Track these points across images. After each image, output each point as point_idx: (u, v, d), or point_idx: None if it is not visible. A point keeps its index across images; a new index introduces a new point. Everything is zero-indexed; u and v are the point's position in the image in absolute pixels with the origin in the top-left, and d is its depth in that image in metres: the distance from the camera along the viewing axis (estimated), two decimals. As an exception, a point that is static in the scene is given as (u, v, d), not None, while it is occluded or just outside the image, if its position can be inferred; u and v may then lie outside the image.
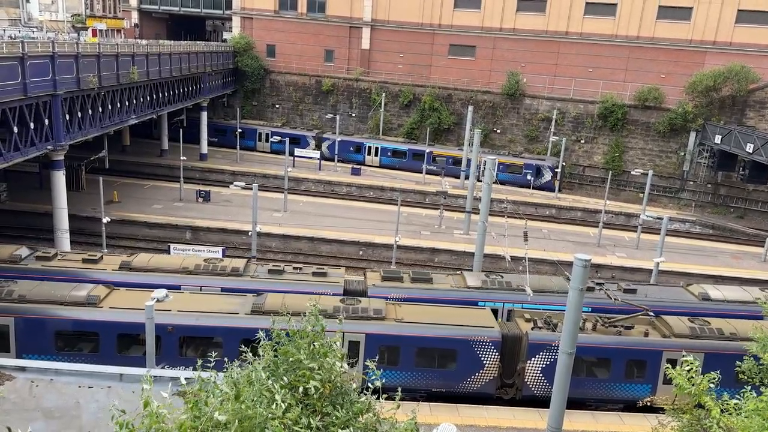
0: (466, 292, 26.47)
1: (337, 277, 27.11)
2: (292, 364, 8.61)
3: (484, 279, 27.44)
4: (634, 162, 58.94)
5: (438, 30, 66.00)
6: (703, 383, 10.13)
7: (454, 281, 27.53)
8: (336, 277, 27.10)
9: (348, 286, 26.48)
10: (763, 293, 27.86)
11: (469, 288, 26.69)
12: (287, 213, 47.05)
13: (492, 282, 27.15)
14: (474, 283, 27.03)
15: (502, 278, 27.58)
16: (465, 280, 27.39)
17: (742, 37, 57.59)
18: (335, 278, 26.85)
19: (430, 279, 27.27)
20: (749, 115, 55.86)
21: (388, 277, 27.08)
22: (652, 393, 23.43)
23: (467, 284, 26.95)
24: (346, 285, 26.43)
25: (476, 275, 28.21)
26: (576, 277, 15.58)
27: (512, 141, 63.00)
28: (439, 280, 27.57)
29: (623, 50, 60.93)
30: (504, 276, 28.04)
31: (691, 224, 53.88)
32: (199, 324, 22.72)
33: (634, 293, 27.02)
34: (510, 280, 27.47)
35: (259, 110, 69.35)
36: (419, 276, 27.47)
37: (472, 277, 27.66)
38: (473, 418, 21.97)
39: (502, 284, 27.06)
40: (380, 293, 25.56)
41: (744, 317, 24.95)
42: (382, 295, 25.26)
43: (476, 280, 27.27)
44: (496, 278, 27.54)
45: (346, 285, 26.43)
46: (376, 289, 26.05)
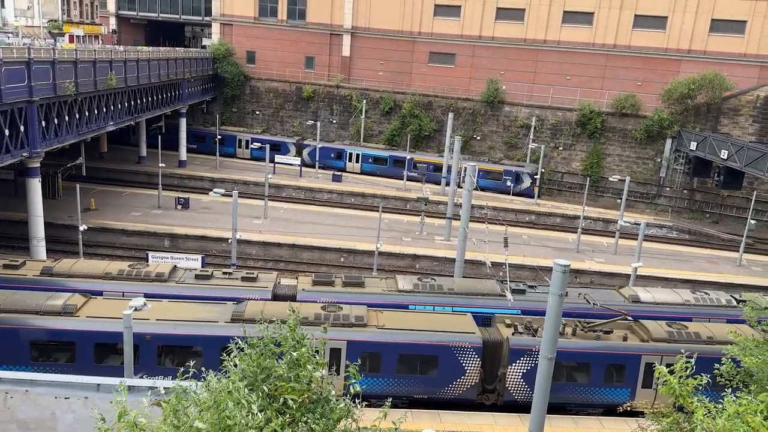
0: (397, 295, 26.39)
1: (266, 281, 26.77)
2: (270, 373, 8.55)
3: (416, 282, 27.40)
4: (611, 168, 59.71)
5: (418, 38, 66.37)
6: (688, 386, 10.26)
7: (387, 285, 27.42)
8: (266, 281, 26.77)
9: (277, 291, 26.26)
10: (693, 295, 28.30)
11: (401, 291, 26.63)
12: (268, 220, 46.79)
13: (424, 285, 27.14)
14: (406, 286, 26.98)
15: (434, 281, 27.64)
16: (397, 283, 27.32)
17: (716, 45, 58.82)
18: (264, 283, 26.55)
19: (361, 283, 27.11)
20: (723, 122, 56.97)
21: (320, 282, 26.86)
22: (632, 397, 23.67)
23: (399, 288, 26.86)
24: (275, 289, 26.21)
25: (408, 279, 28.12)
26: (555, 282, 15.69)
27: (492, 148, 63.45)
28: (372, 284, 27.43)
29: (600, 58, 61.81)
30: (436, 279, 28.09)
31: (667, 229, 54.68)
32: (178, 333, 22.44)
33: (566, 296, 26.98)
34: (442, 283, 27.52)
35: (239, 117, 69.01)
36: (351, 280, 27.34)
37: (404, 281, 27.60)
38: (455, 424, 21.98)
39: (433, 288, 27.08)
40: (310, 297, 25.21)
41: (672, 319, 25.47)
42: (311, 299, 24.91)
43: (408, 283, 27.25)
44: (428, 282, 27.57)
45: (275, 289, 26.21)
46: (306, 294, 25.74)
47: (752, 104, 55.96)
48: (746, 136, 55.20)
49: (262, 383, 8.46)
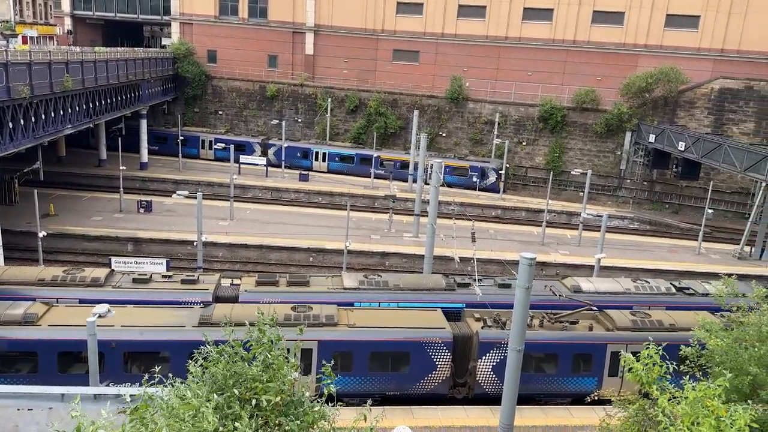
0: (342, 293, 26.13)
1: (207, 283, 26.27)
2: (241, 377, 8.48)
3: (361, 279, 27.18)
4: (573, 162, 60.82)
5: (381, 35, 66.41)
6: (653, 373, 10.53)
7: (332, 283, 27.14)
8: (207, 283, 26.25)
9: (219, 293, 25.78)
10: (634, 284, 28.88)
11: (346, 289, 26.44)
12: (234, 221, 46.25)
13: (369, 282, 27.00)
14: (351, 284, 26.75)
15: (380, 278, 27.52)
16: (343, 281, 27.09)
17: (672, 40, 60.42)
18: (205, 285, 26.02)
19: (306, 282, 26.72)
20: (680, 114, 58.59)
21: (263, 282, 26.32)
22: (599, 385, 24.15)
23: (344, 285, 26.66)
24: (216, 292, 25.70)
25: (354, 276, 27.86)
26: (522, 275, 15.93)
27: (457, 144, 63.97)
28: (317, 283, 27.11)
29: (560, 54, 62.87)
30: (382, 276, 28.01)
31: (629, 221, 55.99)
32: (144, 339, 22.03)
33: (509, 288, 27.30)
34: (387, 280, 27.49)
35: (202, 117, 68.01)
36: (296, 279, 26.91)
37: (349, 278, 27.38)
38: (427, 419, 22.12)
39: (379, 284, 26.95)
40: (253, 299, 24.63)
41: (612, 308, 25.85)
42: (254, 300, 24.25)
43: (353, 281, 27.04)
44: (374, 278, 27.40)
45: (216, 292, 25.70)
46: (248, 295, 25.19)
47: (707, 97, 57.68)
48: (702, 128, 56.89)
49: (233, 386, 8.39)
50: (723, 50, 59.65)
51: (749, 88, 56.44)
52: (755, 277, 40.63)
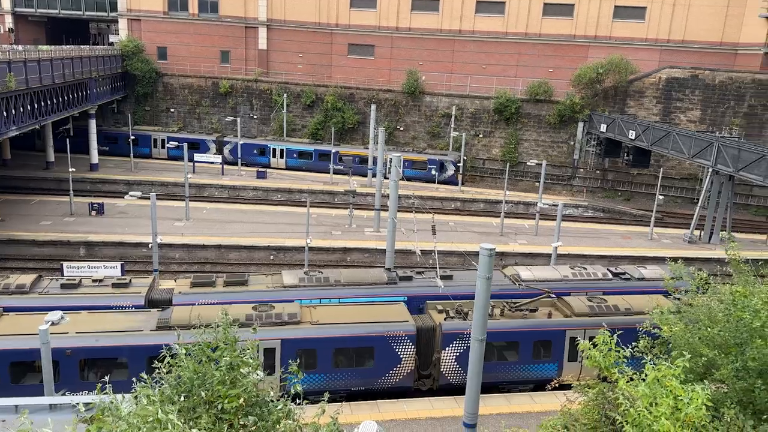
0: (282, 291, 25.84)
1: (140, 286, 25.49)
2: (205, 379, 8.34)
3: (301, 277, 26.92)
4: (528, 153, 61.85)
5: (336, 29, 66.03)
6: (610, 357, 10.79)
7: (272, 281, 26.75)
8: (139, 286, 25.50)
9: (152, 296, 25.18)
10: (572, 271, 29.58)
11: (286, 287, 26.11)
12: (190, 221, 45.36)
13: (310, 279, 26.78)
14: (291, 281, 26.45)
15: (321, 274, 27.35)
16: (282, 279, 26.76)
17: (620, 31, 62.01)
18: (138, 288, 25.29)
19: (245, 281, 26.27)
20: (630, 104, 60.21)
21: (199, 283, 25.80)
22: (559, 371, 24.71)
23: (284, 283, 26.33)
24: (149, 295, 25.06)
25: (294, 274, 27.48)
26: (483, 266, 16.08)
27: (415, 138, 64.22)
28: (256, 281, 26.67)
29: (513, 47, 63.75)
30: (323, 272, 27.86)
31: (583, 209, 57.33)
32: (100, 345, 21.42)
33: (450, 279, 27.67)
34: (328, 276, 27.26)
35: (153, 115, 66.38)
36: (233, 279, 26.43)
37: (289, 276, 27.06)
38: (393, 413, 22.21)
39: (320, 280, 26.78)
40: (188, 301, 24.22)
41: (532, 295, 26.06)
42: (189, 302, 23.96)
43: (293, 278, 26.74)
44: (314, 275, 27.19)
45: (149, 295, 25.06)
46: (183, 297, 24.66)
47: (655, 86, 59.42)
48: (651, 117, 58.62)
49: (199, 389, 8.27)
50: (669, 40, 61.56)
51: (695, 76, 58.41)
52: (703, 260, 42.24)
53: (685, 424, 9.34)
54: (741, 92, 57.28)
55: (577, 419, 11.14)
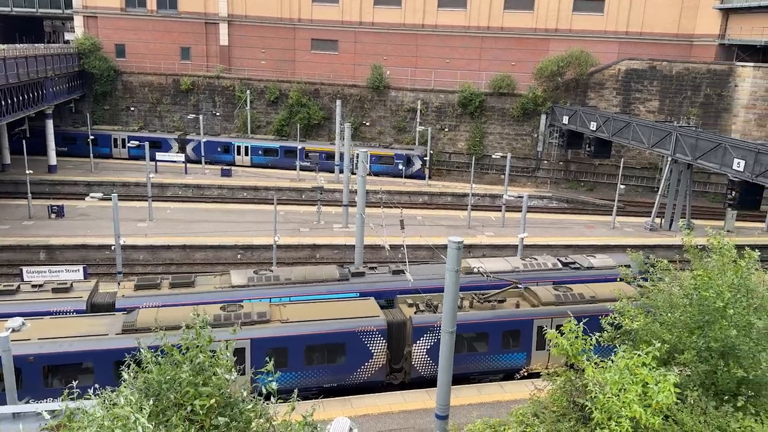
0: (230, 291, 25.43)
1: (82, 291, 24.79)
2: (173, 383, 8.23)
3: (250, 276, 26.52)
4: (493, 146, 62.48)
5: (298, 24, 65.50)
6: (577, 345, 11.02)
7: (220, 282, 26.32)
8: (81, 291, 24.80)
9: (95, 300, 24.65)
10: (522, 262, 29.92)
11: (234, 287, 25.69)
12: (154, 222, 44.54)
13: (259, 278, 26.40)
14: (239, 281, 26.05)
15: (270, 273, 27.03)
16: (231, 279, 26.34)
17: (580, 24, 63.04)
18: (79, 293, 24.63)
19: (191, 283, 25.76)
20: (591, 96, 61.30)
21: (143, 286, 25.25)
22: (528, 360, 25.11)
23: (232, 283, 25.91)
24: (92, 299, 24.51)
25: (242, 273, 27.10)
26: (451, 258, 16.21)
27: (382, 133, 64.23)
28: (203, 282, 26.20)
29: (476, 41, 64.23)
30: (273, 270, 27.60)
31: (548, 200, 58.25)
32: (64, 350, 20.91)
33: (402, 273, 27.71)
34: (279, 274, 27.01)
35: (113, 114, 64.87)
36: (180, 281, 25.88)
37: (237, 276, 26.60)
38: (366, 408, 22.27)
39: (269, 279, 26.45)
40: (132, 304, 23.79)
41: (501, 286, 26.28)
42: (133, 306, 23.53)
43: (242, 278, 26.35)
44: (264, 274, 26.84)
45: (92, 299, 24.51)
46: (126, 301, 24.22)
47: (615, 78, 60.62)
48: (611, 108, 59.81)
49: (168, 391, 8.16)
50: (627, 32, 62.85)
51: (653, 68, 59.77)
52: (665, 247, 43.40)
53: (655, 411, 9.61)
54: (697, 82, 58.88)
55: (546, 407, 11.35)
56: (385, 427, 21.21)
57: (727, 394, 11.88)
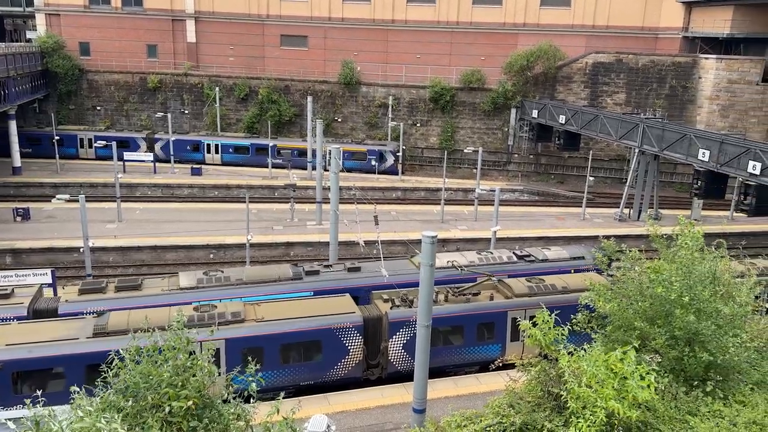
0: (179, 294, 24.82)
1: (23, 297, 23.81)
2: (153, 384, 8.13)
3: (200, 278, 25.94)
4: (465, 141, 62.87)
5: (267, 20, 64.92)
6: (550, 334, 11.19)
7: (168, 284, 25.69)
8: (22, 297, 23.81)
9: (37, 306, 23.68)
10: (478, 256, 29.97)
11: (182, 289, 25.12)
12: (123, 223, 43.77)
13: (209, 279, 25.81)
14: (188, 283, 25.47)
15: (221, 274, 26.47)
16: (179, 280, 25.77)
17: (548, 18, 63.74)
18: (20, 299, 23.63)
19: (138, 285, 25.11)
20: (559, 89, 62.07)
21: (88, 290, 24.53)
22: (503, 351, 25.39)
23: (181, 285, 25.34)
24: (33, 305, 23.56)
25: (191, 275, 26.49)
26: (425, 253, 16.30)
27: (354, 129, 64.09)
28: (151, 285, 25.54)
29: (446, 36, 64.47)
30: (224, 271, 26.95)
31: (519, 193, 58.89)
32: (34, 356, 20.43)
33: (358, 271, 27.61)
34: (230, 275, 26.43)
35: (78, 114, 63.50)
36: (125, 284, 25.16)
37: (187, 277, 26.08)
38: (343, 404, 22.28)
39: (220, 280, 25.88)
40: (75, 309, 23.09)
41: (457, 281, 26.48)
42: (77, 311, 22.90)
43: (191, 279, 25.78)
44: (214, 275, 26.28)
45: (33, 305, 23.56)
46: (69, 306, 23.42)
47: (582, 71, 61.47)
48: (579, 101, 60.65)
49: (147, 392, 8.07)
50: (594, 26, 63.77)
51: (619, 61, 60.76)
52: (634, 237, 44.21)
53: (631, 404, 9.77)
54: (662, 75, 60.06)
55: (522, 397, 11.50)
56: (363, 422, 21.25)
57: (696, 380, 12.20)
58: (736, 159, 38.24)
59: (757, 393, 11.95)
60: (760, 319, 14.89)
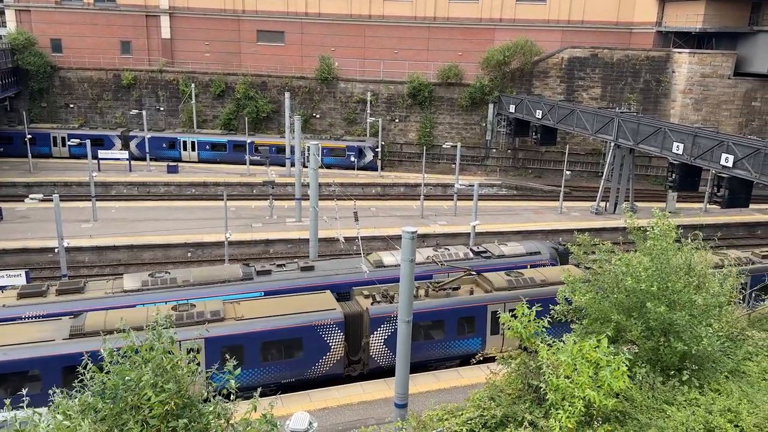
0: (122, 297, 24.32)
1: None
2: (131, 385, 8.04)
3: (145, 280, 25.32)
4: (444, 136, 63.03)
5: (243, 16, 64.32)
6: (530, 327, 11.28)
7: (112, 287, 25.09)
8: None
9: None
10: (435, 252, 29.85)
11: (126, 292, 24.60)
12: (98, 222, 43.11)
13: (155, 281, 25.24)
14: (133, 285, 24.96)
15: (167, 275, 25.86)
16: (123, 283, 25.22)
17: (524, 13, 64.12)
18: None
19: (80, 288, 24.51)
20: (536, 84, 62.51)
21: (27, 294, 23.87)
22: (483, 345, 25.59)
23: (125, 288, 24.82)
24: None
25: (136, 277, 25.95)
26: (405, 248, 16.33)
27: (332, 125, 63.87)
28: (94, 288, 24.94)
29: (423, 31, 64.51)
30: (170, 272, 26.41)
31: (497, 188, 59.29)
32: (9, 358, 20.06)
33: (312, 270, 27.12)
34: (176, 276, 25.92)
35: (51, 112, 62.31)
36: (67, 287, 24.59)
37: (131, 280, 25.50)
38: (325, 401, 22.25)
39: (165, 282, 25.35)
40: (13, 314, 22.41)
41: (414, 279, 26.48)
42: (15, 316, 22.28)
43: (136, 282, 25.21)
44: (160, 276, 25.67)
45: None
46: (7, 311, 22.76)
47: (558, 66, 61.97)
48: (556, 96, 61.17)
49: (126, 393, 7.98)
50: (569, 21, 64.32)
51: (594, 55, 61.39)
52: (610, 230, 44.80)
53: (607, 392, 9.93)
54: (636, 69, 60.83)
55: (502, 390, 11.59)
56: (345, 419, 21.25)
57: (672, 369, 12.40)
58: (710, 152, 38.91)
59: (731, 381, 12.21)
60: (735, 309, 15.20)
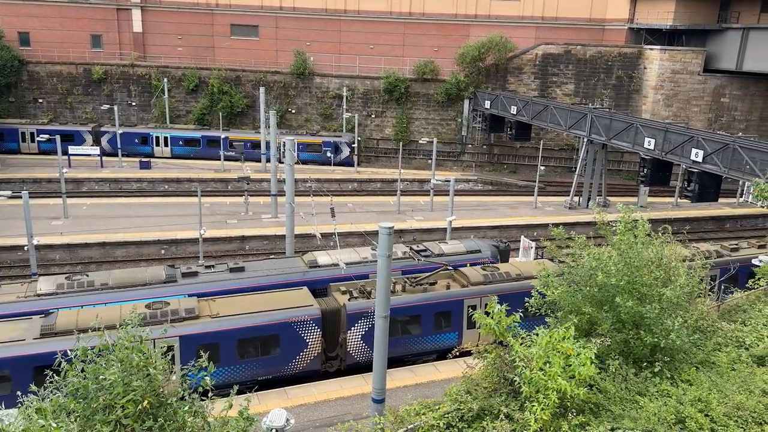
0: (35, 301, 23.24)
1: None
2: (104, 385, 7.92)
3: (60, 283, 24.36)
4: (420, 132, 63.18)
5: (216, 9, 63.55)
6: (503, 322, 11.40)
7: (25, 290, 24.03)
8: None
9: None
10: (372, 252, 29.07)
11: (40, 296, 23.53)
12: (69, 219, 42.29)
13: (71, 285, 24.26)
14: (47, 289, 23.91)
15: (84, 278, 24.90)
16: (37, 286, 24.19)
17: (498, 10, 64.47)
18: None
19: None
20: (510, 80, 62.98)
21: None
22: (460, 338, 25.77)
23: (38, 291, 23.78)
24: None
25: (52, 280, 24.86)
26: (382, 244, 16.34)
27: (308, 120, 63.53)
28: (5, 292, 24.05)
29: (399, 27, 64.47)
30: (89, 275, 25.60)
31: (473, 183, 59.65)
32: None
33: (242, 271, 26.49)
34: (93, 279, 25.00)
35: (18, 107, 60.88)
36: None
37: (46, 283, 24.43)
38: (302, 398, 22.20)
39: (82, 285, 24.45)
40: None
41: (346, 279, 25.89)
42: None
43: (51, 285, 24.14)
44: (77, 279, 24.62)
45: None
46: None
47: (532, 62, 62.51)
48: (530, 92, 61.71)
49: (98, 393, 7.86)
50: (543, 18, 64.85)
51: (567, 52, 62.05)
52: (583, 224, 45.40)
53: (579, 382, 10.11)
54: (609, 66, 61.66)
55: (478, 383, 11.70)
56: (323, 415, 21.23)
57: (644, 361, 12.65)
58: (680, 147, 39.66)
59: (702, 372, 12.50)
60: (704, 300, 15.54)
